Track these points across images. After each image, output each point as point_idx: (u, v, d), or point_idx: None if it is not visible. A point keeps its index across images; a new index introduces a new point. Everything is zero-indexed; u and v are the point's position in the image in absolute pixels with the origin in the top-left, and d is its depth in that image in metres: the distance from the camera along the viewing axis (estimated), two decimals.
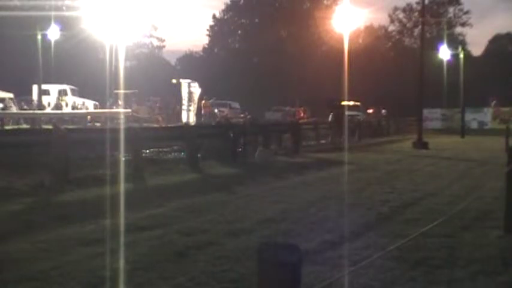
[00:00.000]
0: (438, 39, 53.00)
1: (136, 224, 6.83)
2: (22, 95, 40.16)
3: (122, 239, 5.89)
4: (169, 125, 26.12)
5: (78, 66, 47.13)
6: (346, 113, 32.09)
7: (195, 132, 15.13)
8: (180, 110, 36.64)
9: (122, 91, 37.59)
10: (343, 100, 26.62)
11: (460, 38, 68.90)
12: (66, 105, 40.12)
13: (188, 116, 35.00)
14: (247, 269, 4.91)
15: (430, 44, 47.64)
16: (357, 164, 15.35)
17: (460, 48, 44.92)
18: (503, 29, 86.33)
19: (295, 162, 15.87)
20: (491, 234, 6.54)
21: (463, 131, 34.42)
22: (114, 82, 35.70)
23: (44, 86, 38.94)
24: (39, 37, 37.18)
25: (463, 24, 70.98)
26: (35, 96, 39.92)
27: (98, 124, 33.64)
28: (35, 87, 39.71)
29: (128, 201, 7.98)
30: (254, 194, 9.75)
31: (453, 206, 8.38)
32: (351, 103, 35.60)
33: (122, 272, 4.87)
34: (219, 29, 73.06)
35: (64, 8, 41.57)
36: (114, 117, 34.50)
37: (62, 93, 40.99)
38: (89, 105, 40.74)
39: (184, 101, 35.76)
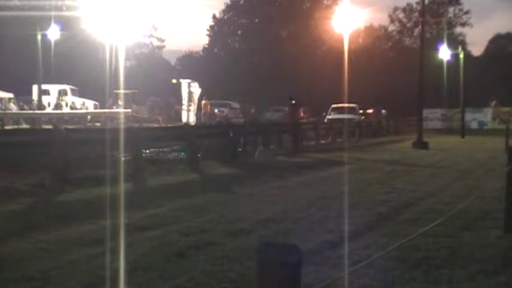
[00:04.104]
0: (438, 39, 52.94)
1: (136, 224, 6.83)
2: (22, 95, 40.17)
3: (121, 239, 5.89)
4: (169, 125, 26.13)
5: (78, 66, 47.11)
6: (344, 116, 32.15)
7: (195, 132, 15.13)
8: (180, 109, 36.67)
9: (121, 91, 37.61)
10: (301, 98, 25.59)
11: (460, 38, 68.84)
12: (66, 105, 40.15)
13: (188, 116, 35.01)
14: (247, 269, 4.91)
15: (430, 44, 47.60)
16: (356, 164, 15.36)
17: (460, 48, 44.91)
18: (503, 29, 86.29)
19: (295, 162, 15.88)
20: (491, 234, 6.54)
21: (463, 131, 34.45)
22: (114, 82, 35.72)
23: (44, 86, 38.98)
24: (39, 37, 37.20)
25: (463, 24, 70.96)
26: (35, 96, 39.93)
27: (98, 124, 33.66)
28: (35, 87, 39.74)
29: (128, 201, 7.97)
30: (254, 194, 9.75)
31: (453, 205, 8.37)
32: (346, 105, 35.55)
33: (121, 272, 4.86)
34: (219, 29, 73.05)
35: (64, 8, 41.60)
36: (114, 117, 34.51)
37: (62, 93, 41.01)
38: (89, 105, 40.75)
39: (184, 101, 35.78)
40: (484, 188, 10.55)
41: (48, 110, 38.38)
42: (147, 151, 14.45)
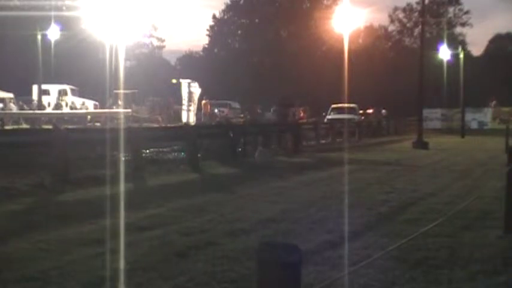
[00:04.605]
0: (438, 39, 52.96)
1: (136, 224, 6.83)
2: (22, 95, 40.18)
3: (121, 239, 5.89)
4: (169, 125, 26.13)
5: (78, 66, 47.12)
6: (344, 116, 32.11)
7: (195, 132, 15.12)
8: (180, 109, 36.66)
9: (121, 91, 37.59)
10: (292, 101, 24.86)
11: (460, 38, 68.80)
12: (66, 105, 40.16)
13: (188, 116, 35.00)
14: (247, 269, 4.91)
15: (430, 44, 47.60)
16: (356, 164, 15.35)
17: (460, 48, 44.91)
18: (503, 29, 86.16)
19: (295, 162, 15.87)
20: (491, 234, 6.54)
21: (463, 131, 34.47)
22: (114, 82, 35.71)
23: (44, 86, 38.96)
24: (39, 37, 37.20)
25: (463, 24, 70.95)
26: (35, 96, 39.93)
27: (98, 124, 33.65)
28: (35, 87, 39.72)
29: (128, 201, 7.97)
30: (254, 194, 9.75)
31: (453, 205, 8.37)
32: (346, 105, 35.53)
33: (121, 272, 4.87)
34: (219, 29, 73.03)
35: (64, 8, 41.62)
36: (114, 117, 34.50)
37: (62, 93, 40.99)
38: (89, 105, 40.74)
39: (184, 101, 35.77)
40: (484, 188, 10.55)
41: (48, 110, 38.37)
42: (147, 151, 14.45)
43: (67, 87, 41.40)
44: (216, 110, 41.95)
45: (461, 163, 16.25)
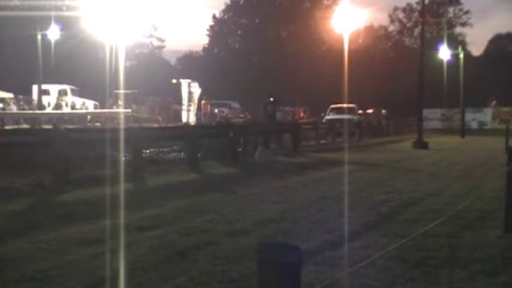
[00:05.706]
0: (438, 39, 52.96)
1: (136, 224, 6.83)
2: (22, 95, 40.18)
3: (121, 239, 5.89)
4: (169, 125, 26.13)
5: (78, 66, 47.12)
6: (343, 116, 32.11)
7: (195, 132, 15.10)
8: (180, 109, 36.67)
9: (121, 91, 37.59)
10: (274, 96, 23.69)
11: (460, 38, 68.90)
12: (66, 105, 40.16)
13: (188, 116, 35.01)
14: (247, 269, 4.91)
15: (430, 44, 47.59)
16: (356, 164, 15.34)
17: (460, 48, 44.92)
18: (503, 29, 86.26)
19: (295, 162, 15.87)
20: (491, 234, 6.54)
21: (463, 131, 34.47)
22: (114, 82, 35.71)
23: (44, 86, 38.97)
24: (39, 37, 37.21)
25: (463, 24, 71.08)
26: (35, 96, 39.94)
27: (98, 124, 33.65)
28: (35, 87, 39.73)
29: (128, 201, 7.97)
30: (254, 194, 9.75)
31: (453, 205, 8.37)
32: (345, 105, 35.52)
33: (121, 272, 4.87)
34: (219, 29, 73.10)
35: (64, 8, 41.67)
36: (114, 117, 34.50)
37: (62, 93, 40.98)
38: (89, 105, 40.74)
39: (184, 101, 35.77)
40: (484, 188, 10.54)
41: (48, 110, 38.38)
42: (147, 151, 14.44)
43: (67, 87, 41.39)
44: (216, 110, 41.96)
45: (461, 163, 16.24)
